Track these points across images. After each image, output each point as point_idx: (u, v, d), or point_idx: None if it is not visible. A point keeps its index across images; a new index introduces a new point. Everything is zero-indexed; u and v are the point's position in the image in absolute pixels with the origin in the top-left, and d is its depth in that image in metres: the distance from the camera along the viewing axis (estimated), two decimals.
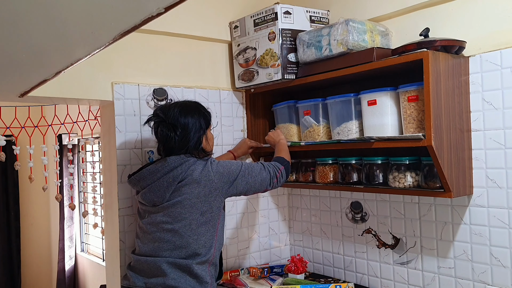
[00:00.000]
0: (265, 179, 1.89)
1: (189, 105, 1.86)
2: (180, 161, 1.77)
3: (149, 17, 0.85)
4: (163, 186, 1.76)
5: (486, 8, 1.78)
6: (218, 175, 1.79)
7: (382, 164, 2.02)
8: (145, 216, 1.85)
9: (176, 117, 1.79)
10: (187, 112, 1.82)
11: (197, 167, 1.77)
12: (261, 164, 1.93)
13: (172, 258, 1.75)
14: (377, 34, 2.00)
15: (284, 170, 1.97)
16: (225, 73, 2.46)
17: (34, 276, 5.36)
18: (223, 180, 1.79)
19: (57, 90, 1.97)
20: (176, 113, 1.80)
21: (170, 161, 1.77)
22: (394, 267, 2.17)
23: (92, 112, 3.62)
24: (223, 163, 1.83)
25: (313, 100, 2.20)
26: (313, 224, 2.57)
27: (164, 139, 1.80)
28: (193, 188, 1.75)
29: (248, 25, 2.30)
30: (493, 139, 1.79)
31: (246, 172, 1.85)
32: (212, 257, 1.82)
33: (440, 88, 1.70)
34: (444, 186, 1.74)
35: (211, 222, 1.80)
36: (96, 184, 3.83)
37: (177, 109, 1.82)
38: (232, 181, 1.81)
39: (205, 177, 1.76)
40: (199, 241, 1.77)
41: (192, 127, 1.80)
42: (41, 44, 1.04)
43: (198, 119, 1.83)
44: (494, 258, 1.81)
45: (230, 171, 1.82)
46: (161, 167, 1.78)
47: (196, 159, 1.80)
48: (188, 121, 1.80)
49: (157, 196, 1.78)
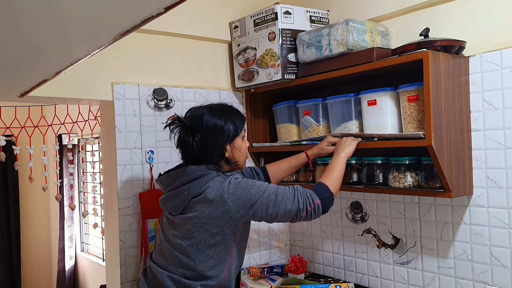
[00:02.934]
0: (290, 211, 1.58)
1: (217, 108, 1.67)
2: (199, 173, 1.59)
3: (149, 17, 0.85)
4: (178, 198, 1.61)
5: (486, 8, 1.78)
6: (234, 198, 1.56)
7: (382, 164, 2.02)
8: (163, 221, 1.74)
9: (198, 121, 1.62)
10: (212, 116, 1.63)
11: (214, 184, 1.57)
12: (293, 190, 1.61)
13: (178, 276, 1.62)
14: (377, 34, 2.00)
15: (319, 206, 1.61)
16: (225, 73, 2.46)
17: (34, 276, 5.36)
18: (238, 204, 1.56)
19: (57, 90, 1.97)
20: (199, 117, 1.63)
21: (190, 171, 1.60)
22: (394, 267, 2.17)
23: (92, 112, 3.62)
24: (244, 184, 1.58)
25: (313, 100, 2.20)
26: (313, 224, 2.57)
27: (182, 144, 1.65)
28: (204, 207, 1.57)
29: (248, 25, 2.30)
30: (493, 139, 1.79)
31: (268, 198, 1.57)
32: (223, 282, 1.63)
33: (440, 88, 1.70)
34: (444, 186, 1.74)
35: (223, 244, 1.61)
36: (96, 184, 3.83)
37: (201, 111, 1.65)
38: (249, 207, 1.57)
39: (218, 197, 1.55)
40: (207, 263, 1.60)
41: (214, 133, 1.62)
42: (41, 44, 1.04)
43: (224, 124, 1.63)
44: (494, 258, 1.81)
45: (248, 195, 1.56)
46: (181, 176, 1.61)
47: (217, 174, 1.61)
48: (210, 126, 1.62)
49: (172, 206, 1.63)
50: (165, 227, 1.70)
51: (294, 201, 1.58)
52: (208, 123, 1.62)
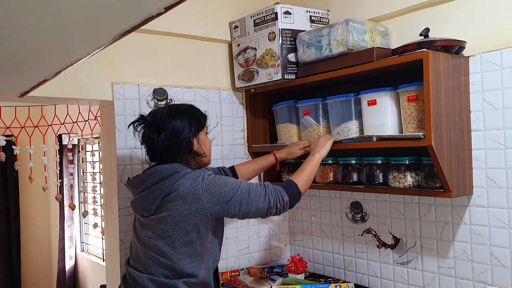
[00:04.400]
0: (261, 209, 1.64)
1: (180, 108, 1.72)
2: (169, 172, 1.60)
3: (149, 17, 0.85)
4: (149, 198, 1.61)
5: (486, 8, 1.78)
6: (207, 195, 1.58)
7: (382, 164, 2.02)
8: (135, 226, 1.75)
9: (163, 119, 1.65)
10: (176, 115, 1.67)
11: (186, 181, 1.58)
12: (264, 188, 1.67)
13: (158, 277, 1.62)
14: (377, 34, 2.00)
15: (287, 203, 1.69)
16: (225, 73, 2.46)
17: (34, 276, 5.36)
18: (212, 200, 1.59)
19: (57, 90, 1.97)
20: (163, 115, 1.66)
21: (160, 171, 1.61)
22: (394, 267, 2.17)
23: (92, 112, 3.62)
24: (217, 182, 1.61)
25: (313, 100, 2.20)
26: (313, 224, 2.57)
27: (146, 141, 1.67)
28: (177, 204, 1.58)
29: (248, 25, 2.30)
30: (493, 139, 1.79)
31: (241, 196, 1.61)
32: (204, 278, 1.66)
33: (440, 88, 1.70)
34: (444, 186, 1.74)
35: (198, 241, 1.63)
36: (96, 184, 3.83)
37: (165, 111, 1.68)
38: (223, 204, 1.60)
39: (192, 194, 1.57)
40: (184, 261, 1.62)
41: (180, 130, 1.65)
42: (41, 44, 1.04)
43: (188, 121, 1.67)
44: (494, 258, 1.81)
45: (222, 192, 1.60)
46: (150, 176, 1.63)
47: (188, 171, 1.62)
48: (176, 123, 1.65)
49: (143, 207, 1.64)
50: (139, 230, 1.70)
51: (265, 199, 1.64)
52: (173, 120, 1.66)
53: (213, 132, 2.39)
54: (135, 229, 1.76)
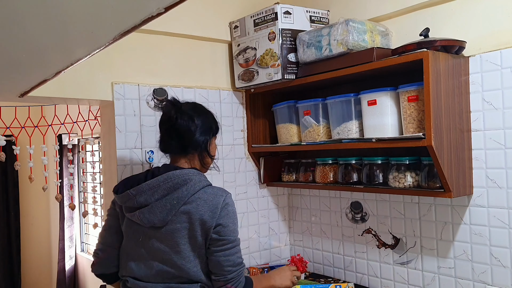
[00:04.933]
0: (230, 271, 1.57)
1: (204, 107, 1.75)
2: (184, 178, 1.56)
3: (149, 17, 0.85)
4: (166, 208, 1.54)
5: (486, 8, 1.78)
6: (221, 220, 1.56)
7: (382, 164, 2.02)
8: (138, 239, 1.62)
9: (191, 111, 1.66)
10: (201, 110, 1.70)
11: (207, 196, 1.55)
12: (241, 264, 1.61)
13: (176, 284, 1.58)
14: (377, 34, 2.00)
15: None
16: (225, 73, 2.46)
17: (34, 276, 5.36)
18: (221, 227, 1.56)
19: (57, 90, 1.97)
20: (190, 107, 1.67)
21: (174, 177, 1.55)
22: (394, 267, 2.17)
23: (92, 112, 3.62)
24: (234, 215, 1.60)
25: (313, 100, 2.20)
26: (313, 224, 2.57)
27: (184, 132, 1.62)
28: (194, 219, 1.54)
29: (248, 25, 2.30)
30: (493, 139, 1.79)
31: (237, 243, 1.60)
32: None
33: (440, 88, 1.70)
34: (444, 186, 1.74)
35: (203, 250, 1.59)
36: (96, 184, 3.83)
37: (190, 105, 1.70)
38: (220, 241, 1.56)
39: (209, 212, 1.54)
40: (197, 268, 1.58)
41: (205, 125, 1.66)
42: (41, 44, 1.04)
43: (212, 120, 1.71)
44: (494, 258, 1.81)
45: (229, 232, 1.57)
46: (163, 183, 1.56)
47: (203, 179, 1.60)
48: (206, 119, 1.68)
49: (158, 218, 1.55)
50: (146, 243, 1.61)
51: (240, 269, 1.59)
52: (201, 116, 1.67)
53: None
54: (137, 242, 1.64)
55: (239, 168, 2.50)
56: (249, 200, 2.55)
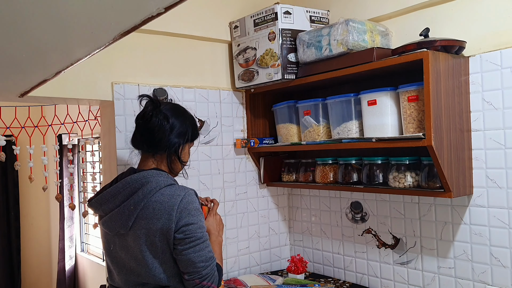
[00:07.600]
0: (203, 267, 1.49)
1: (186, 110, 1.70)
2: (141, 181, 1.51)
3: (149, 17, 0.85)
4: (124, 215, 1.50)
5: (486, 8, 1.78)
6: (180, 214, 1.48)
7: (382, 164, 2.02)
8: (110, 248, 1.60)
9: (169, 111, 1.60)
10: (180, 113, 1.64)
11: (163, 198, 1.49)
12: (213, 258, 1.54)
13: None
14: (377, 34, 2.00)
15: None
16: (225, 73, 2.46)
17: (34, 276, 5.36)
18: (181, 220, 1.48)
19: (57, 90, 1.97)
20: (169, 108, 1.62)
21: (132, 182, 1.52)
22: (394, 267, 2.17)
23: (92, 112, 3.62)
24: (196, 217, 1.50)
25: (313, 100, 2.20)
26: (313, 224, 2.57)
27: (155, 130, 1.58)
28: (151, 223, 1.48)
29: (248, 25, 2.30)
30: (493, 139, 1.79)
31: (206, 238, 1.52)
32: None
33: (440, 88, 1.70)
34: (444, 186, 1.74)
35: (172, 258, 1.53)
36: (96, 184, 3.83)
37: (170, 105, 1.64)
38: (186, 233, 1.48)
39: (165, 212, 1.48)
40: (168, 272, 1.53)
41: (180, 128, 1.61)
42: (41, 44, 1.04)
43: (190, 126, 1.65)
44: (494, 258, 1.81)
45: (195, 229, 1.49)
46: (122, 189, 1.52)
47: (159, 179, 1.53)
48: (180, 119, 1.62)
49: (119, 225, 1.52)
50: (115, 252, 1.58)
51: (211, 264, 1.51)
52: (179, 118, 1.61)
53: (213, 132, 2.39)
54: (109, 251, 1.61)
55: (239, 168, 2.50)
56: (249, 200, 2.55)
